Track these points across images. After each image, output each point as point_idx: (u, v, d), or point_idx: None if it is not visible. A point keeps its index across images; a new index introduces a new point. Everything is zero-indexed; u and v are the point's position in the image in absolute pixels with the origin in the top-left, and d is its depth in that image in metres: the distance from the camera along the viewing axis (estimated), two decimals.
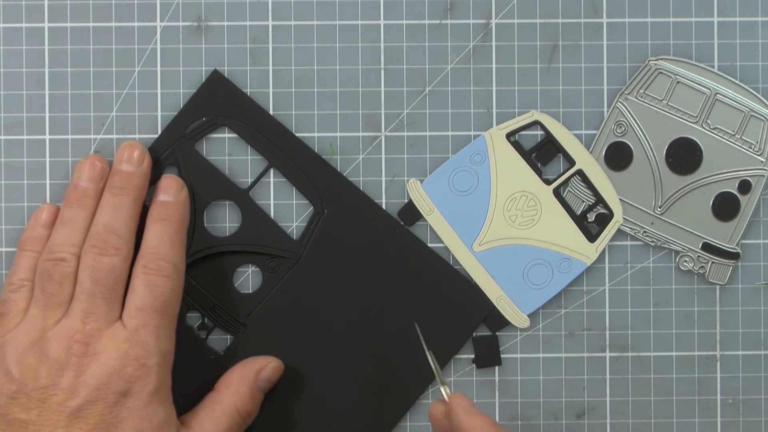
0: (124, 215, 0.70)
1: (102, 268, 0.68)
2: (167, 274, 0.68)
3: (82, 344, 0.66)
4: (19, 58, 0.74)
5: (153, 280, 0.68)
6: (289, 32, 0.74)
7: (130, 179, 0.71)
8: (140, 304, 0.67)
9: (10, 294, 0.69)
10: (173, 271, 0.69)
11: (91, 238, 0.69)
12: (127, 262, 0.69)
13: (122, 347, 0.66)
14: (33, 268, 0.70)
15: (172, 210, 0.71)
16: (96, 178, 0.71)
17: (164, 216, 0.71)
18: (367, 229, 0.74)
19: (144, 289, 0.68)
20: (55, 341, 0.66)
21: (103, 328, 0.67)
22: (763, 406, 0.75)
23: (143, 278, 0.68)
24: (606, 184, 0.74)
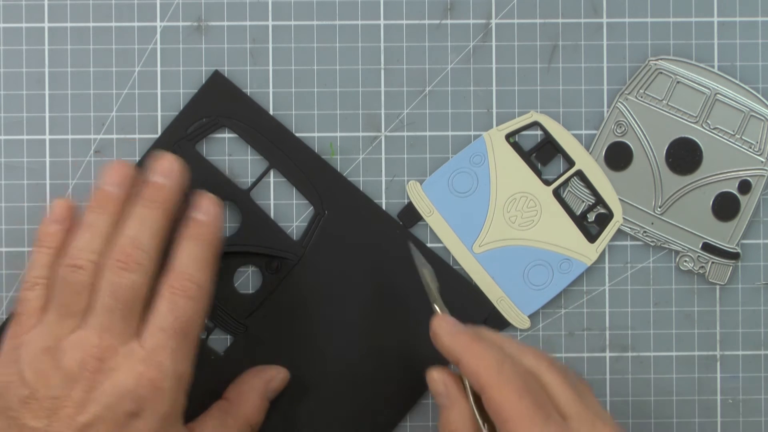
0: (151, 229, 0.67)
1: (123, 284, 0.65)
2: (192, 294, 0.66)
3: (96, 360, 0.64)
4: (19, 58, 0.74)
5: (177, 301, 0.66)
6: (289, 32, 0.74)
7: (162, 192, 0.68)
8: (161, 323, 0.65)
9: (26, 293, 0.68)
10: (198, 293, 0.66)
11: (114, 250, 0.66)
12: (150, 279, 0.66)
13: (137, 367, 0.64)
14: (47, 265, 0.68)
15: (205, 230, 0.68)
16: (121, 183, 0.68)
17: (197, 235, 0.68)
18: (367, 229, 0.74)
19: (166, 309, 0.66)
20: (69, 352, 0.65)
21: (119, 345, 0.65)
22: (763, 406, 0.75)
23: (167, 297, 0.66)
24: (606, 185, 0.74)
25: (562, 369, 0.66)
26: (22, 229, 0.74)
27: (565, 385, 0.64)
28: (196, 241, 0.68)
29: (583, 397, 0.64)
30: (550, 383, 0.64)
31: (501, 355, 0.64)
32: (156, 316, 0.66)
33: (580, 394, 0.64)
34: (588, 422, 0.63)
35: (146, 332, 0.65)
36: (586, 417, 0.63)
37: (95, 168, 0.74)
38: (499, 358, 0.64)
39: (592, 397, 0.66)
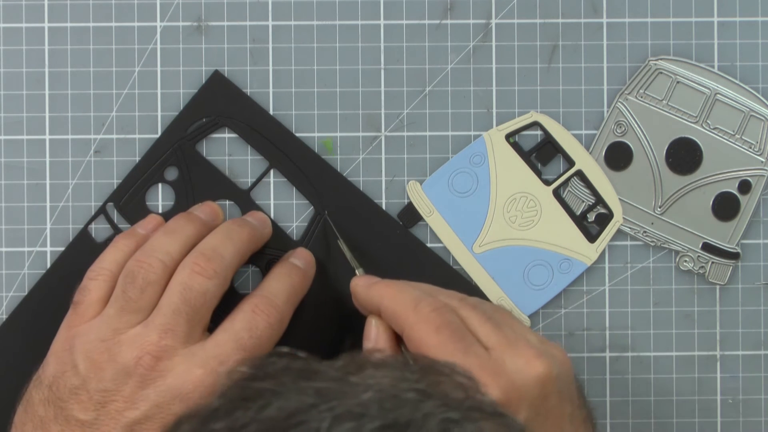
0: (235, 246, 0.68)
1: (195, 288, 0.65)
2: (272, 321, 0.66)
3: (153, 357, 0.64)
4: (19, 58, 0.74)
5: (257, 321, 0.66)
6: (289, 32, 0.74)
7: (250, 227, 0.70)
8: (234, 337, 0.65)
9: (88, 282, 0.68)
10: (278, 323, 0.67)
11: (193, 253, 0.67)
12: (221, 290, 0.66)
13: (195, 372, 0.64)
14: (116, 261, 0.68)
15: (299, 277, 0.70)
16: (209, 214, 0.71)
17: (290, 275, 0.69)
18: (367, 230, 0.74)
19: (243, 325, 0.66)
20: (126, 347, 0.64)
21: (179, 347, 0.64)
22: (763, 406, 0.75)
23: (249, 314, 0.66)
24: (606, 185, 0.74)
25: (476, 303, 0.66)
26: (22, 229, 0.74)
27: (483, 317, 0.64)
28: (289, 279, 0.69)
29: (502, 326, 0.64)
30: (467, 317, 0.64)
31: (416, 294, 0.64)
32: (230, 328, 0.65)
33: (498, 323, 0.64)
34: (509, 348, 0.62)
35: (214, 340, 0.65)
36: (506, 344, 0.62)
37: (95, 168, 0.74)
38: (415, 296, 0.64)
39: (513, 323, 0.65)
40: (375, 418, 0.41)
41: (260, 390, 0.42)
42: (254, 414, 0.41)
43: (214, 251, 0.67)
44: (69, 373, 0.65)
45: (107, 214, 0.74)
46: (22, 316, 0.74)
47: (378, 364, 0.44)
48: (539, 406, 0.61)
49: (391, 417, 0.41)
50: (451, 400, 0.43)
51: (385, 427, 0.40)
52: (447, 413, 0.41)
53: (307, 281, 0.71)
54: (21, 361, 0.71)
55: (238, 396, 0.42)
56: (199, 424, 0.42)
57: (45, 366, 0.67)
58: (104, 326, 0.66)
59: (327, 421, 0.40)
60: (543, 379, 0.61)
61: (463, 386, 0.45)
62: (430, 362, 0.45)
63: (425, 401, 0.42)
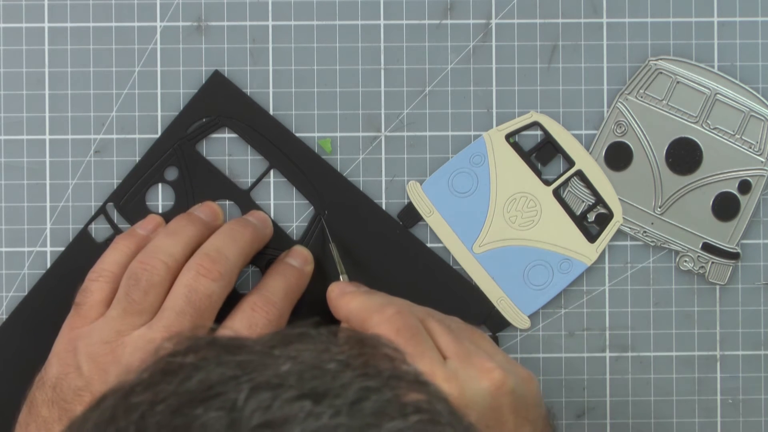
0: (239, 246, 0.68)
1: (200, 290, 0.66)
2: (271, 318, 0.67)
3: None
4: (19, 58, 0.74)
5: (257, 319, 0.66)
6: (289, 32, 0.74)
7: (252, 227, 0.70)
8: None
9: (90, 283, 0.68)
10: (277, 319, 0.67)
11: (198, 255, 0.67)
12: (225, 292, 0.67)
13: None
14: (116, 262, 0.69)
15: (296, 275, 0.70)
16: (209, 214, 0.71)
17: (287, 275, 0.70)
18: (367, 230, 0.74)
19: (243, 323, 0.66)
20: (131, 348, 0.65)
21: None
22: (763, 406, 0.75)
23: (248, 312, 0.67)
24: (606, 185, 0.74)
25: (444, 318, 0.67)
26: (22, 229, 0.74)
27: (446, 329, 0.65)
28: (285, 278, 0.69)
29: (463, 340, 0.64)
30: (431, 327, 0.65)
31: (384, 300, 0.65)
32: (231, 326, 0.66)
33: (459, 338, 0.64)
34: (465, 359, 0.63)
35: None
36: (464, 355, 0.63)
37: (95, 168, 0.74)
38: (382, 302, 0.65)
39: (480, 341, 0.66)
40: (292, 388, 0.41)
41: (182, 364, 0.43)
42: (174, 387, 0.42)
43: (219, 252, 0.67)
44: (72, 374, 0.65)
45: (107, 214, 0.74)
46: (22, 316, 0.74)
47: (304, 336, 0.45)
48: (489, 418, 0.61)
49: (309, 387, 0.41)
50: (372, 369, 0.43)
51: (302, 396, 0.41)
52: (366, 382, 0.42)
53: (305, 278, 0.71)
54: (21, 361, 0.72)
55: (160, 370, 0.43)
56: (121, 398, 0.42)
57: (48, 367, 0.67)
58: (107, 328, 0.66)
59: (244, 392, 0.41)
60: (496, 390, 0.62)
61: (388, 357, 0.45)
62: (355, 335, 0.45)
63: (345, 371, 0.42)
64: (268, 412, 0.40)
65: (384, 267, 0.74)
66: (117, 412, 0.42)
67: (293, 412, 0.40)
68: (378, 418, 0.41)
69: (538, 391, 0.65)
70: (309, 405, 0.41)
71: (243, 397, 0.41)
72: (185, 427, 0.40)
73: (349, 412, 0.41)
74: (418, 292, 0.73)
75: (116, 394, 0.43)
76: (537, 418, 0.64)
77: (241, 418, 0.40)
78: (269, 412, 0.40)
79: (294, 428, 0.40)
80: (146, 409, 0.41)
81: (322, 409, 0.41)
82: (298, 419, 0.40)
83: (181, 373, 0.42)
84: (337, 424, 0.40)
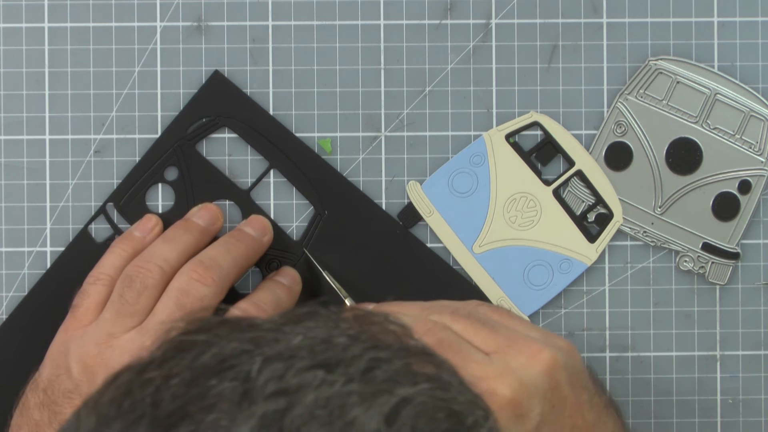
0: (233, 258, 0.69)
1: (192, 293, 0.66)
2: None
3: None
4: (19, 58, 0.74)
5: None
6: (289, 32, 0.74)
7: (249, 240, 0.71)
8: None
9: (88, 286, 0.69)
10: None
11: (192, 262, 0.68)
12: (217, 299, 0.67)
13: None
14: (114, 266, 0.69)
15: (285, 292, 0.71)
16: (208, 218, 0.71)
17: (276, 291, 0.71)
18: (367, 230, 0.74)
19: None
20: (120, 351, 0.65)
21: None
22: (763, 406, 0.75)
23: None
24: (606, 185, 0.74)
25: (470, 311, 0.65)
26: (22, 229, 0.74)
27: (477, 324, 0.63)
28: (275, 292, 0.70)
29: (499, 328, 0.63)
30: (462, 329, 0.63)
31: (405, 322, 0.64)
32: None
33: (494, 327, 0.63)
34: (510, 348, 0.62)
35: None
36: (506, 344, 0.62)
37: (95, 168, 0.74)
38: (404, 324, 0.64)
39: (512, 322, 0.65)
40: (304, 359, 0.42)
41: (195, 341, 0.44)
42: (188, 362, 0.43)
43: (213, 260, 0.68)
44: (63, 376, 0.65)
45: (107, 214, 0.74)
46: (22, 316, 0.74)
47: (313, 315, 0.46)
48: (552, 398, 0.61)
49: (321, 358, 0.42)
50: (381, 342, 0.44)
51: (315, 366, 0.42)
52: (376, 353, 0.43)
53: (293, 296, 0.72)
54: (20, 361, 0.71)
55: (173, 347, 0.44)
56: (135, 374, 0.43)
57: (41, 369, 0.67)
58: (99, 330, 0.66)
59: (257, 364, 0.42)
60: (550, 370, 0.61)
61: (395, 333, 0.46)
62: (363, 312, 0.46)
63: (355, 344, 0.43)
64: (281, 381, 0.41)
65: (384, 267, 0.74)
66: (132, 386, 0.43)
67: (306, 380, 0.41)
68: (390, 384, 0.42)
69: (579, 355, 0.64)
70: (322, 373, 0.42)
71: (256, 368, 0.42)
72: (200, 397, 0.41)
73: (361, 380, 0.42)
74: (418, 292, 0.73)
75: (131, 370, 0.43)
76: (587, 381, 0.64)
77: (255, 388, 0.41)
78: (283, 381, 0.41)
79: (308, 395, 0.41)
80: (161, 382, 0.42)
81: (335, 377, 0.41)
82: (312, 386, 0.41)
83: (195, 349, 0.43)
84: (350, 390, 0.41)
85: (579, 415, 0.62)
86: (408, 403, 0.42)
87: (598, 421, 0.63)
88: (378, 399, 0.41)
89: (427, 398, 0.42)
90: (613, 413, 0.65)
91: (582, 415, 0.62)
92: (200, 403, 0.41)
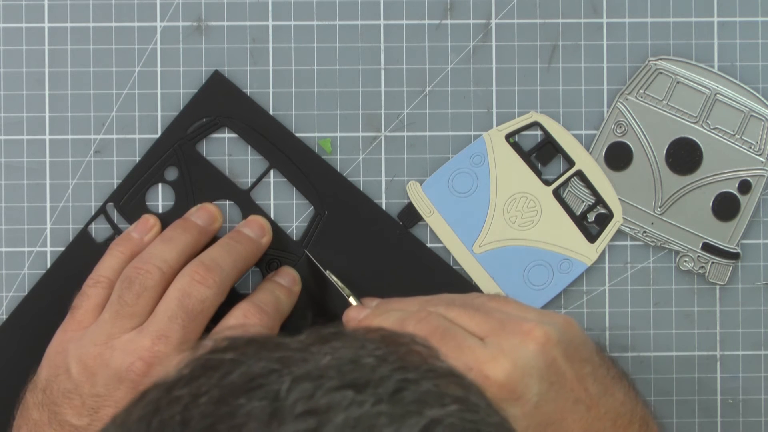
0: (233, 260, 0.69)
1: (193, 294, 0.66)
2: (265, 324, 0.67)
3: (145, 363, 0.64)
4: (19, 58, 0.74)
5: (249, 326, 0.67)
6: (289, 32, 0.74)
7: (248, 242, 0.71)
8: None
9: (87, 288, 0.69)
10: (269, 330, 0.68)
11: (194, 263, 0.68)
12: (218, 301, 0.67)
13: None
14: (113, 268, 0.69)
15: (284, 295, 0.71)
16: (206, 218, 0.71)
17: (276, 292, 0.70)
18: (367, 230, 0.74)
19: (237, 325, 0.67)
20: (119, 352, 0.65)
21: (172, 354, 0.65)
22: (763, 406, 0.75)
23: (240, 319, 0.67)
24: (606, 185, 0.74)
25: (465, 300, 0.66)
26: (22, 229, 0.74)
27: (471, 311, 0.64)
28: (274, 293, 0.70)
29: (493, 312, 0.64)
30: (456, 316, 0.64)
31: (400, 315, 0.65)
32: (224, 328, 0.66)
33: (488, 312, 0.64)
34: (502, 331, 0.62)
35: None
36: (499, 327, 0.62)
37: (95, 168, 0.74)
38: (399, 317, 0.64)
39: (507, 307, 0.65)
40: (333, 379, 0.42)
41: (222, 360, 0.44)
42: (216, 381, 0.43)
43: (214, 262, 0.68)
44: (62, 377, 0.65)
45: (107, 214, 0.74)
46: (22, 316, 0.74)
47: (339, 335, 0.46)
48: (549, 375, 0.61)
49: (349, 378, 0.42)
50: (409, 363, 0.44)
51: (344, 387, 0.42)
52: (404, 374, 0.43)
53: (293, 297, 0.72)
54: (21, 362, 0.71)
55: (201, 366, 0.44)
56: (164, 392, 0.43)
57: (40, 370, 0.67)
58: (98, 331, 0.66)
59: (287, 383, 0.42)
60: (543, 347, 0.61)
61: (421, 354, 0.46)
62: (389, 333, 0.46)
63: (382, 365, 0.43)
64: (311, 400, 0.41)
65: (384, 267, 0.74)
66: (161, 404, 0.42)
67: (336, 400, 0.41)
68: (419, 406, 0.42)
69: (581, 329, 0.64)
70: (351, 394, 0.42)
71: (285, 387, 0.42)
72: (230, 416, 0.41)
73: (390, 401, 0.42)
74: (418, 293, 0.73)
75: (159, 388, 0.43)
76: (590, 353, 0.64)
77: (285, 407, 0.41)
78: (312, 401, 0.41)
79: (338, 415, 0.41)
80: (189, 401, 0.42)
81: (365, 398, 0.41)
82: (342, 407, 0.41)
83: (222, 368, 0.43)
84: (380, 411, 0.41)
85: (581, 388, 0.62)
86: (437, 424, 0.41)
87: (605, 393, 0.63)
88: (407, 420, 0.41)
89: (456, 420, 0.42)
90: (625, 385, 0.65)
91: (585, 388, 0.62)
92: (230, 422, 0.41)
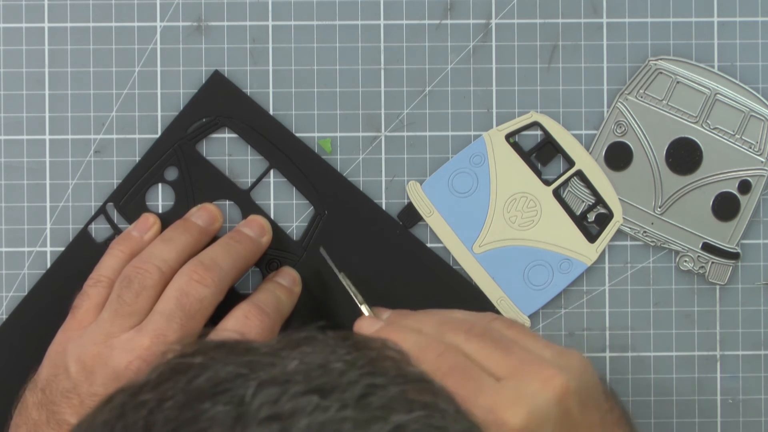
0: (232, 259, 0.69)
1: (192, 293, 0.66)
2: (264, 327, 0.67)
3: (143, 362, 0.64)
4: (19, 58, 0.74)
5: (249, 327, 0.66)
6: (289, 32, 0.74)
7: (248, 241, 0.71)
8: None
9: (88, 288, 0.69)
10: (269, 330, 0.67)
11: (192, 262, 0.68)
12: (216, 300, 0.67)
13: None
14: (113, 268, 0.69)
15: (285, 295, 0.71)
16: (207, 218, 0.71)
17: (277, 293, 0.70)
18: (367, 230, 0.74)
19: (237, 326, 0.66)
20: (118, 351, 0.65)
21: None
22: (763, 406, 0.75)
23: (241, 320, 0.67)
24: (606, 185, 0.74)
25: (484, 330, 0.64)
26: (22, 229, 0.74)
27: (490, 346, 0.63)
28: (276, 295, 0.70)
29: (512, 349, 0.63)
30: (474, 351, 0.63)
31: (418, 340, 0.63)
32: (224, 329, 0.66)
33: (507, 347, 0.63)
34: (522, 373, 0.61)
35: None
36: (519, 368, 0.61)
37: (95, 168, 0.74)
38: (417, 343, 0.63)
39: (526, 340, 0.64)
40: (299, 384, 0.42)
41: (191, 364, 0.44)
42: (183, 385, 0.43)
43: (213, 261, 0.68)
44: (61, 376, 0.65)
45: (107, 214, 0.74)
46: (22, 316, 0.74)
47: (311, 340, 0.45)
48: (563, 423, 0.60)
49: (316, 383, 0.42)
50: (378, 368, 0.44)
51: (309, 392, 0.42)
52: (372, 379, 0.43)
53: (294, 298, 0.72)
54: (21, 362, 0.72)
55: (169, 370, 0.44)
56: (129, 396, 0.43)
57: (40, 369, 0.67)
58: (98, 330, 0.66)
59: (252, 388, 0.42)
60: (561, 397, 0.60)
61: (393, 359, 0.45)
62: (361, 338, 0.46)
63: (351, 370, 0.43)
64: (275, 405, 0.41)
65: (384, 267, 0.74)
66: (126, 409, 0.42)
67: (301, 405, 0.41)
68: (385, 411, 0.42)
69: (594, 372, 0.63)
70: (316, 399, 0.41)
71: (251, 392, 0.41)
72: (193, 421, 0.41)
73: (356, 406, 0.41)
74: (418, 292, 0.73)
75: (125, 392, 0.43)
76: (600, 399, 0.63)
77: (249, 412, 0.41)
78: (277, 406, 0.41)
79: (301, 420, 0.41)
80: (154, 405, 0.42)
81: (329, 403, 0.41)
82: (306, 412, 0.41)
83: (190, 372, 0.43)
84: (344, 417, 0.41)
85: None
86: (402, 430, 0.41)
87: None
88: (372, 426, 0.41)
89: (421, 426, 0.42)
90: (627, 425, 0.65)
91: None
92: (192, 427, 0.41)
